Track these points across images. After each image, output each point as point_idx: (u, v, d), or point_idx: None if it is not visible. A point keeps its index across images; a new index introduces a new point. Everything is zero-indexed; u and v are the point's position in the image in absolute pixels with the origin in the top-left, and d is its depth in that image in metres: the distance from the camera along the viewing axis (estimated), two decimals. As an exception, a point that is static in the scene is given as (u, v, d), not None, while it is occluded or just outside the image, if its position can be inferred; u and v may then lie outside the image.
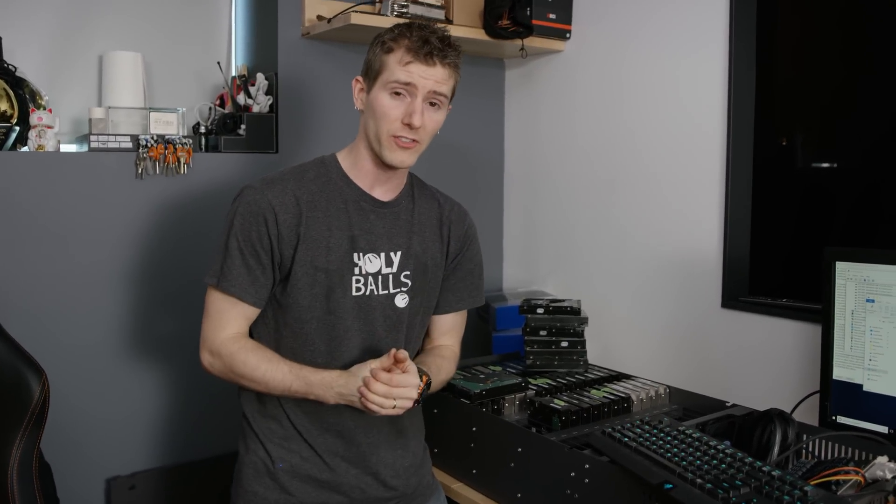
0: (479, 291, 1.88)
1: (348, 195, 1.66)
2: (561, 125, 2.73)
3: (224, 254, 1.60)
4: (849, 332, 1.70)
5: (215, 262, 1.62)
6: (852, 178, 2.14)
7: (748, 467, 1.40)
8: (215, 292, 1.61)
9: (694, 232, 2.29)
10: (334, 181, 1.66)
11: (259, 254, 1.58)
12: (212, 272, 1.62)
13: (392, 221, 1.70)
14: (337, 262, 1.62)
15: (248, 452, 1.68)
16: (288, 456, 1.65)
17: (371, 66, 1.62)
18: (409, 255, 1.70)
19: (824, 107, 2.21)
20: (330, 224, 1.62)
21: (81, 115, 2.32)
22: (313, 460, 1.65)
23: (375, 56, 1.61)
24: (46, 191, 2.09)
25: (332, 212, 1.63)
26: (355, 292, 1.64)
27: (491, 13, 2.53)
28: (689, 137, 2.29)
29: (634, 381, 2.16)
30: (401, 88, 1.58)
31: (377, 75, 1.60)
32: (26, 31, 2.26)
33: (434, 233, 1.77)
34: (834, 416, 1.72)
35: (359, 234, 1.64)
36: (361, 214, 1.66)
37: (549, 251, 2.80)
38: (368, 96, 1.63)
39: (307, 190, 1.63)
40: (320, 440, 1.66)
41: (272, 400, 1.66)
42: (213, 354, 1.61)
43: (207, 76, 2.56)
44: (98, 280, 2.18)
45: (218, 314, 1.62)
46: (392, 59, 1.58)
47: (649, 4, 2.39)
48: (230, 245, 1.59)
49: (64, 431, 2.09)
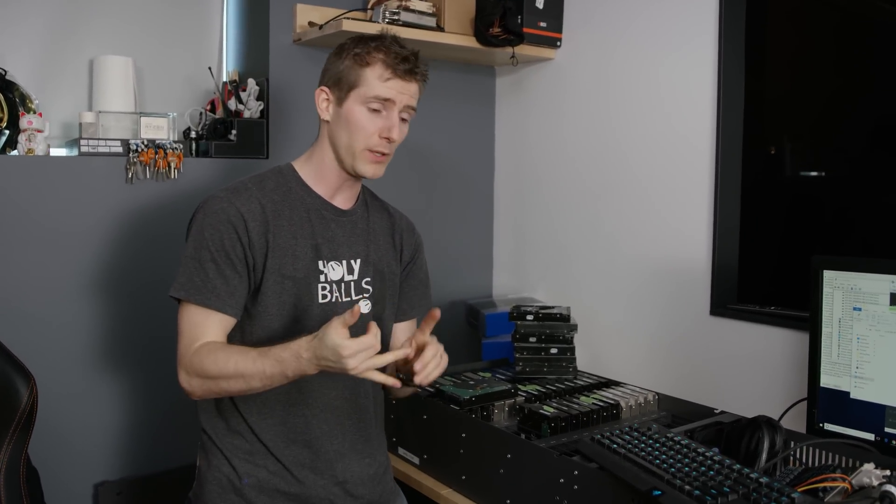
0: (429, 300, 1.90)
1: (310, 204, 1.66)
2: (551, 133, 2.74)
3: (196, 266, 1.55)
4: (836, 339, 1.71)
5: (182, 276, 1.56)
6: (840, 186, 2.16)
7: (736, 474, 1.41)
8: (190, 307, 1.55)
9: (683, 240, 2.30)
10: (294, 190, 1.66)
11: (234, 262, 1.56)
12: (179, 286, 1.56)
13: (350, 229, 1.71)
14: (304, 270, 1.62)
15: (211, 468, 1.64)
16: (254, 471, 1.62)
17: (343, 77, 1.62)
18: (367, 262, 1.72)
19: (813, 116, 2.23)
20: (295, 232, 1.62)
21: (72, 119, 2.31)
22: (281, 474, 1.63)
23: (348, 68, 1.61)
24: (36, 195, 2.08)
25: (296, 220, 1.63)
26: (321, 300, 1.64)
27: (482, 21, 2.54)
28: (679, 146, 2.30)
29: (623, 388, 2.17)
30: (379, 105, 1.60)
31: (352, 88, 1.60)
32: (17, 35, 2.25)
33: (387, 241, 1.79)
34: (821, 423, 1.73)
35: (322, 243, 1.65)
36: (323, 223, 1.67)
37: (538, 258, 2.81)
38: (340, 108, 1.62)
39: (270, 199, 1.62)
40: (287, 452, 1.63)
41: (235, 415, 1.63)
42: (187, 371, 1.53)
43: (198, 81, 2.55)
44: (87, 284, 2.17)
45: (191, 329, 1.55)
46: (370, 73, 1.59)
47: (640, 14, 2.41)
48: (202, 256, 1.55)
49: (52, 436, 2.08)
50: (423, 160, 2.78)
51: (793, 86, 2.25)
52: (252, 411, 1.62)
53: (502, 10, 2.51)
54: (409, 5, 2.43)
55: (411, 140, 2.69)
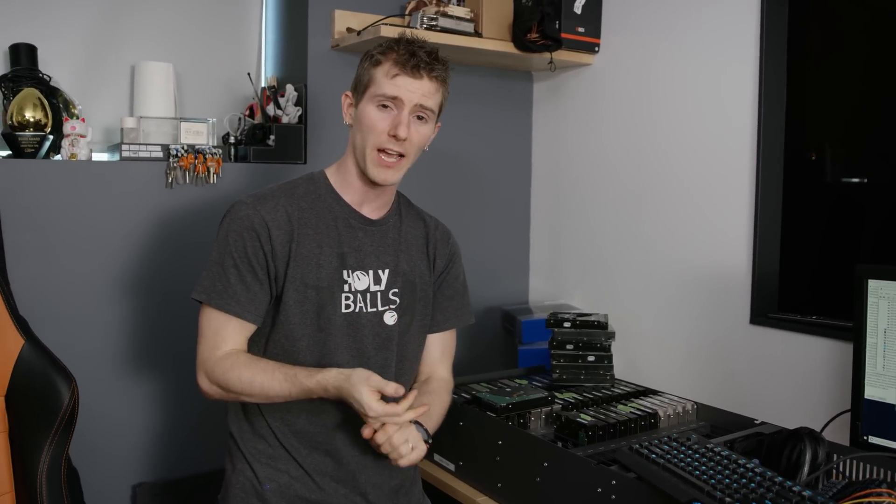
0: (466, 310, 1.87)
1: (338, 212, 1.66)
2: (589, 138, 2.72)
3: (219, 271, 1.57)
4: (881, 350, 1.68)
5: (206, 280, 1.58)
6: (883, 193, 2.12)
7: (778, 486, 1.38)
8: (211, 311, 1.58)
9: (723, 246, 2.27)
10: (324, 198, 1.66)
11: (255, 269, 1.57)
12: (202, 289, 1.58)
13: (380, 239, 1.69)
14: (327, 279, 1.61)
15: (235, 472, 1.65)
16: (276, 476, 1.63)
17: (360, 80, 1.63)
18: (396, 272, 1.70)
19: (855, 121, 2.19)
20: (320, 241, 1.62)
21: (113, 124, 2.35)
22: (302, 479, 1.63)
23: (364, 70, 1.62)
24: (78, 199, 2.12)
25: (322, 229, 1.63)
26: (345, 309, 1.63)
27: (520, 27, 2.53)
28: (719, 151, 2.28)
29: (661, 397, 2.15)
30: (387, 101, 1.58)
31: (365, 89, 1.61)
32: (61, 42, 2.29)
33: (420, 251, 1.77)
34: (865, 435, 1.70)
35: (348, 252, 1.64)
36: (350, 232, 1.66)
37: (575, 264, 2.79)
38: (357, 110, 1.63)
39: (297, 206, 1.62)
40: (309, 459, 1.63)
41: (259, 419, 1.64)
42: (209, 378, 1.57)
43: (237, 87, 2.58)
44: (128, 288, 2.20)
45: (214, 333, 1.58)
46: (379, 72, 1.59)
47: (678, 17, 2.39)
48: (225, 262, 1.57)
49: (92, 437, 2.10)
50: (460, 165, 2.78)
51: (835, 90, 2.22)
52: (276, 416, 1.63)
53: (540, 15, 2.50)
54: (447, 11, 2.43)
55: (447, 145, 2.69)
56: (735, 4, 2.21)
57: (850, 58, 2.19)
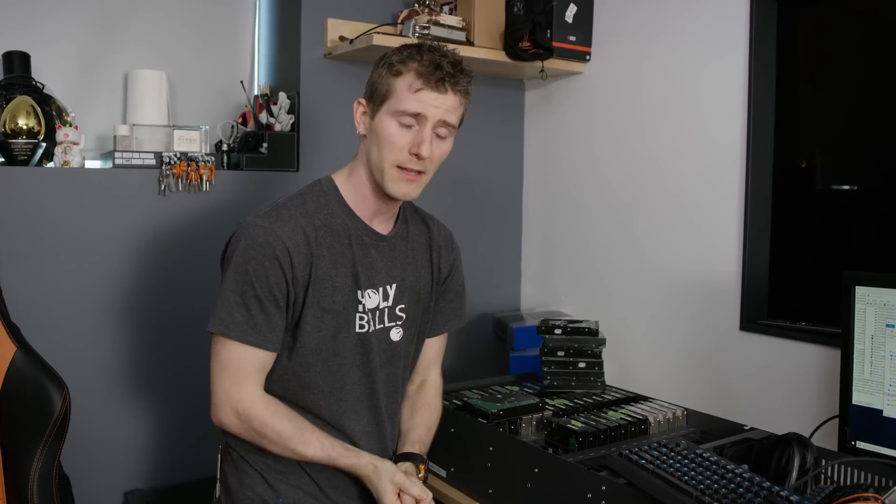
0: (463, 312, 1.88)
1: (351, 229, 1.59)
2: (580, 146, 2.73)
3: (238, 301, 1.49)
4: (868, 356, 1.69)
5: (223, 311, 1.49)
6: (873, 200, 2.14)
7: (766, 492, 1.39)
8: (231, 344, 1.49)
9: (713, 254, 2.28)
10: (336, 213, 1.59)
11: (277, 298, 1.50)
12: (221, 321, 1.49)
13: (389, 254, 1.66)
14: (342, 302, 1.57)
15: (243, 487, 1.60)
16: (290, 491, 1.59)
17: (376, 88, 1.53)
18: (403, 287, 1.67)
19: (844, 128, 2.20)
20: (335, 262, 1.56)
21: (106, 131, 2.35)
22: (316, 495, 1.60)
23: (381, 78, 1.53)
24: (71, 206, 2.12)
25: (337, 248, 1.57)
26: (358, 329, 1.60)
27: (512, 35, 2.55)
28: (709, 159, 2.29)
29: (652, 403, 2.16)
30: (410, 119, 1.50)
31: (383, 100, 1.52)
32: (54, 50, 2.30)
33: (425, 259, 1.74)
34: (853, 441, 1.71)
35: (361, 271, 1.59)
36: (363, 250, 1.60)
37: (567, 272, 2.80)
38: (373, 121, 1.54)
39: (313, 225, 1.55)
40: (324, 474, 1.60)
41: None
42: (239, 416, 1.51)
43: (230, 95, 2.59)
44: (120, 295, 2.20)
45: (238, 369, 1.50)
46: (401, 84, 1.50)
47: (669, 26, 2.40)
48: (245, 292, 1.49)
49: (84, 444, 2.10)
50: (452, 173, 2.78)
51: (824, 97, 2.24)
52: None
53: (532, 24, 2.52)
54: (439, 20, 2.45)
55: (440, 153, 2.69)
56: (725, 14, 2.23)
57: (839, 65, 2.20)
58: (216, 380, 1.52)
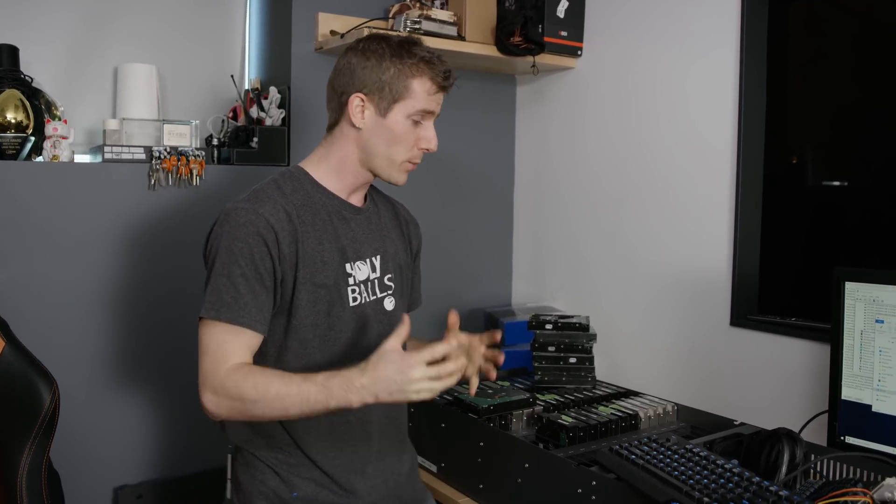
0: (421, 294, 1.91)
1: (329, 205, 1.62)
2: (571, 141, 2.73)
3: (225, 283, 1.48)
4: (857, 352, 1.70)
5: (212, 295, 1.48)
6: (863, 196, 2.14)
7: (755, 487, 1.40)
8: (215, 325, 1.47)
9: (703, 249, 2.29)
10: (312, 193, 1.61)
11: (263, 277, 1.49)
12: (210, 305, 1.47)
13: (367, 226, 1.68)
14: (333, 276, 1.58)
15: (255, 482, 1.59)
16: (302, 484, 1.58)
17: (389, 86, 1.57)
18: (386, 257, 1.70)
19: (835, 125, 2.21)
20: (320, 237, 1.58)
21: (96, 126, 2.34)
22: (328, 485, 1.59)
23: (394, 78, 1.56)
24: (60, 201, 2.11)
25: (319, 224, 1.59)
26: (352, 303, 1.61)
27: (503, 30, 2.54)
28: (700, 155, 2.29)
29: (642, 398, 2.16)
30: (420, 116, 1.59)
31: (397, 99, 1.57)
32: (43, 43, 2.28)
33: (398, 233, 1.77)
34: (842, 436, 1.72)
35: (346, 244, 1.61)
36: (344, 223, 1.63)
37: (558, 267, 2.81)
38: (383, 118, 1.58)
39: (293, 204, 1.57)
40: (336, 462, 1.59)
41: (277, 429, 1.58)
42: (216, 392, 1.45)
43: (221, 89, 2.58)
44: (109, 290, 2.19)
45: (218, 348, 1.47)
46: (418, 87, 1.57)
47: (660, 21, 2.41)
48: (232, 272, 1.48)
49: (73, 440, 2.10)
50: (443, 168, 2.79)
51: (815, 94, 2.24)
52: (297, 424, 1.57)
53: (523, 19, 2.51)
54: (430, 14, 2.44)
55: (431, 148, 2.69)
56: (717, 10, 2.23)
57: (830, 61, 2.21)
58: (201, 365, 1.48)
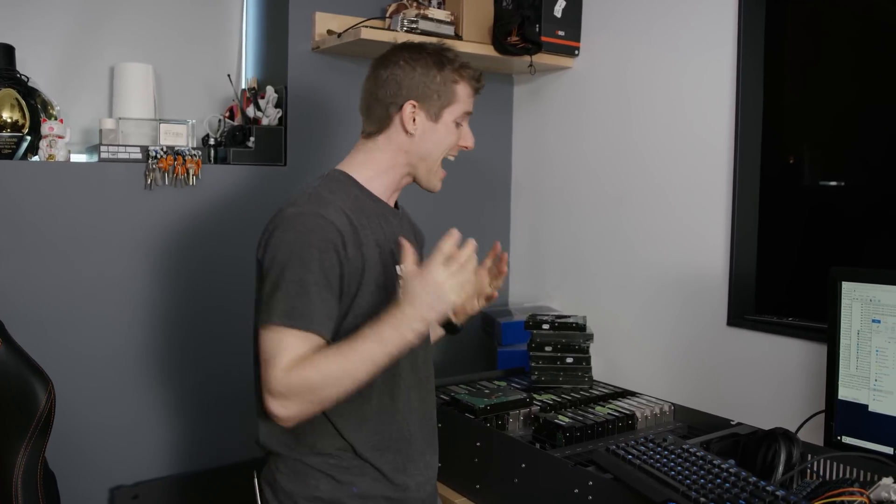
0: None
1: (376, 208, 1.61)
2: (569, 141, 2.73)
3: (298, 289, 1.43)
4: (854, 352, 1.70)
5: (283, 302, 1.43)
6: (860, 196, 2.14)
7: (752, 486, 1.40)
8: (285, 331, 1.42)
9: (700, 249, 2.29)
10: (359, 196, 1.59)
11: (332, 283, 1.47)
12: (283, 313, 1.42)
13: (401, 229, 1.67)
14: (390, 278, 1.56)
15: (308, 487, 1.55)
16: (359, 481, 1.56)
17: (437, 93, 1.61)
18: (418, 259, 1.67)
19: (832, 125, 2.21)
20: (377, 240, 1.56)
21: (92, 125, 2.34)
22: (383, 481, 1.58)
23: (442, 85, 1.61)
24: (56, 200, 2.11)
25: (373, 227, 1.57)
26: None
27: (500, 30, 2.54)
28: (697, 154, 2.29)
29: (639, 398, 2.16)
30: (463, 118, 1.67)
31: (447, 104, 1.63)
32: (39, 42, 2.28)
33: (411, 235, 1.75)
34: (839, 436, 1.72)
35: (394, 246, 1.59)
36: (389, 225, 1.62)
37: (555, 267, 2.80)
38: (435, 123, 1.63)
39: (349, 206, 1.54)
40: (384, 459, 1.58)
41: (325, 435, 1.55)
42: (286, 396, 1.41)
43: (217, 88, 2.57)
44: (106, 290, 2.19)
45: (287, 354, 1.41)
46: (462, 91, 1.64)
47: (658, 22, 2.40)
48: (304, 279, 1.43)
49: (69, 440, 2.09)
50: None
51: (812, 94, 2.24)
52: (349, 427, 1.55)
53: (520, 18, 2.52)
54: (427, 14, 2.44)
55: (428, 148, 2.68)
56: (714, 9, 2.23)
57: (828, 61, 2.21)
58: (268, 371, 1.42)
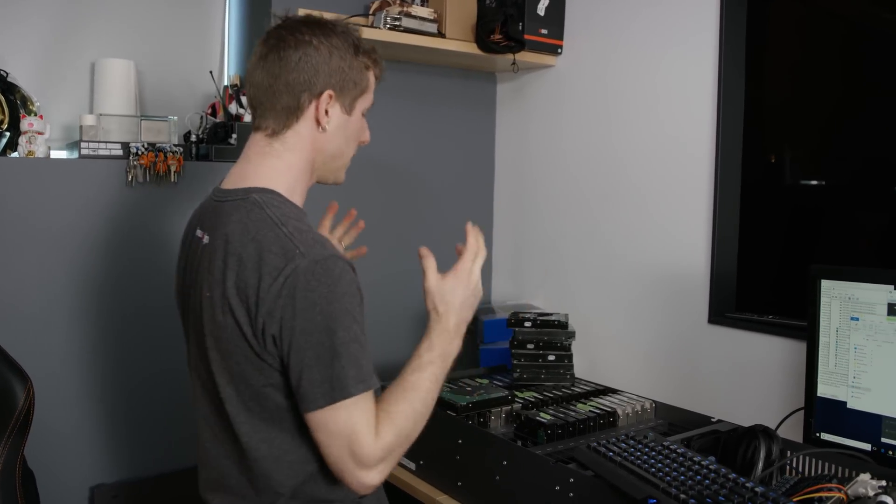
0: None
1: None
2: (551, 140, 2.74)
3: (358, 348, 1.29)
4: (833, 349, 1.71)
5: (353, 367, 1.28)
6: (840, 195, 2.16)
7: (732, 483, 1.40)
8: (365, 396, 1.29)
9: (681, 248, 2.30)
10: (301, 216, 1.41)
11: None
12: (359, 379, 1.28)
13: None
14: None
15: None
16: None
17: (355, 82, 1.44)
18: None
19: (813, 124, 2.23)
20: None
21: (72, 121, 2.32)
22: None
23: (357, 72, 1.44)
24: (36, 197, 2.09)
25: None
26: None
27: (483, 27, 2.54)
28: (678, 154, 2.30)
29: (620, 396, 2.17)
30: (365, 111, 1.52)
31: (360, 94, 1.46)
32: (19, 37, 2.26)
33: None
34: (818, 432, 1.73)
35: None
36: None
37: (537, 265, 2.81)
38: (349, 116, 1.46)
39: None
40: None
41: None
42: (385, 460, 1.32)
43: (200, 85, 2.56)
44: (85, 287, 2.17)
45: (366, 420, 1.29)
46: (372, 80, 1.48)
47: (640, 21, 2.41)
48: (357, 335, 1.30)
49: (49, 438, 2.07)
50: (423, 166, 2.78)
51: (793, 94, 2.25)
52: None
53: (503, 16, 2.51)
54: (410, 11, 2.43)
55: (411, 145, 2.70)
56: (696, 9, 2.24)
57: (809, 60, 2.22)
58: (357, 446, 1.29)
